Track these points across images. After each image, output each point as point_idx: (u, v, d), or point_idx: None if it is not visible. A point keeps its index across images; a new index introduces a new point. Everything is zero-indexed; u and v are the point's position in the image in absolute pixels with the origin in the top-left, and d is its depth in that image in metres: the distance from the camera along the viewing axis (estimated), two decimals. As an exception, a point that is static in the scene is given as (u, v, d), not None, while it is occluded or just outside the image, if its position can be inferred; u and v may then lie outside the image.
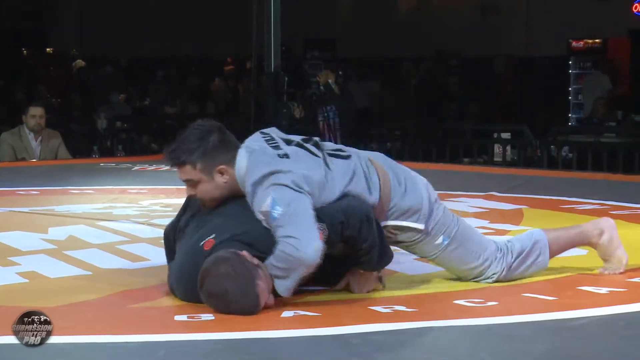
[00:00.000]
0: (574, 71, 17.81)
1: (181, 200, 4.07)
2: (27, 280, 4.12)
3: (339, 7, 21.80)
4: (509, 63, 19.18)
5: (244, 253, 3.52)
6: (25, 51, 21.69)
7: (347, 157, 3.81)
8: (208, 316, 3.45)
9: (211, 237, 3.64)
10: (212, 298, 3.48)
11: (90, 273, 4.29)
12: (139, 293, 3.88)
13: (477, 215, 5.92)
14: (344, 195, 3.70)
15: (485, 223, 5.58)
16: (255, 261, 3.52)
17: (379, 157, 3.95)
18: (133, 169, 9.02)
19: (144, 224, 5.58)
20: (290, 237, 3.49)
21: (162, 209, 6.19)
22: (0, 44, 21.19)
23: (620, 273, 4.11)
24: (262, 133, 3.85)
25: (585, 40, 17.95)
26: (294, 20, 13.87)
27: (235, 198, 3.75)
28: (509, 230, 5.36)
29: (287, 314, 3.48)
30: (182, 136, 3.73)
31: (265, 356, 3.05)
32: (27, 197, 6.94)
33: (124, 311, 3.63)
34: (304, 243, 3.49)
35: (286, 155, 3.69)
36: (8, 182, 7.67)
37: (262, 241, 3.59)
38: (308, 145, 3.79)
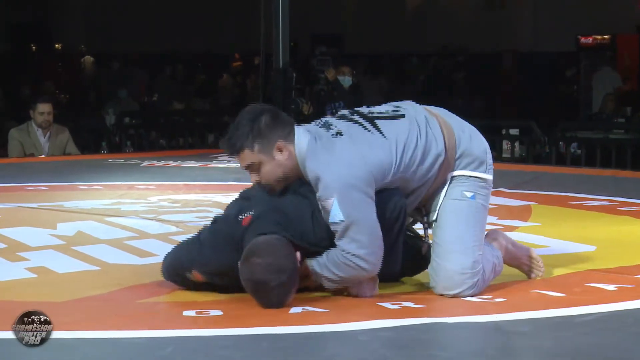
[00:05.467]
0: (582, 67, 17.75)
1: (188, 196, 4.06)
2: (35, 276, 4.13)
3: (346, 3, 21.80)
4: (516, 59, 19.14)
5: (298, 254, 3.52)
6: (33, 47, 21.69)
7: (401, 117, 3.72)
8: (216, 312, 3.46)
9: (250, 213, 3.61)
10: (248, 278, 3.46)
11: (98, 268, 4.30)
12: (147, 288, 3.89)
13: (485, 211, 5.90)
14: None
15: (493, 219, 5.57)
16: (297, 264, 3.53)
17: (439, 110, 3.84)
18: (141, 165, 9.02)
19: (152, 219, 5.58)
20: (357, 256, 3.52)
21: (170, 205, 6.19)
22: (6, 39, 21.21)
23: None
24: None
25: (594, 36, 17.91)
26: (301, 16, 13.87)
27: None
28: (517, 227, 5.35)
29: (295, 310, 3.47)
30: (235, 123, 3.66)
31: (273, 352, 3.06)
32: (36, 193, 6.95)
33: (132, 306, 3.64)
34: (371, 262, 3.55)
35: (340, 133, 3.64)
36: (17, 178, 7.68)
37: (307, 234, 3.59)
38: (356, 118, 3.71)
